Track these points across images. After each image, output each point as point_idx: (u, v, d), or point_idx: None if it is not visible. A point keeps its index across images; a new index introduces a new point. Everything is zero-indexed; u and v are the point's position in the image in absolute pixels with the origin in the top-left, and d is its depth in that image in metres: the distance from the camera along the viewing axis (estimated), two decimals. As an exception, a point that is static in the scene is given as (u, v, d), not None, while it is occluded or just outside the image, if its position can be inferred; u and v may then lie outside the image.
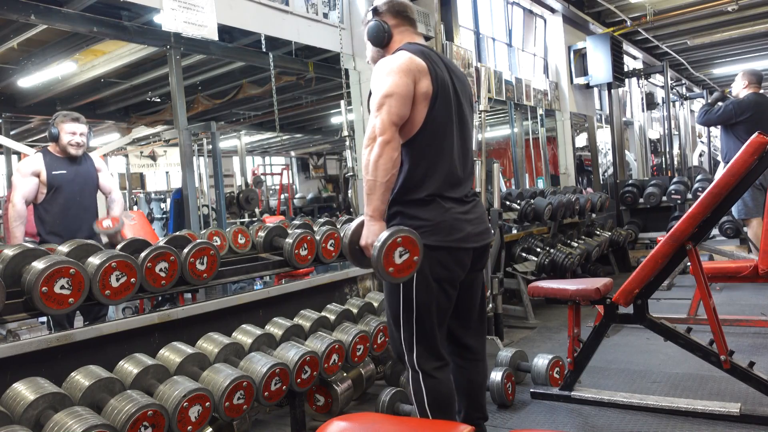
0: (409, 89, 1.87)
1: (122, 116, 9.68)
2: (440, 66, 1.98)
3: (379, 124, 1.83)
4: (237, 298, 2.71)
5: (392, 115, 1.84)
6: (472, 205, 2.05)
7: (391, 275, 1.80)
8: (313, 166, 18.92)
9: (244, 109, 9.91)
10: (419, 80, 1.89)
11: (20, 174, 3.48)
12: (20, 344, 2.01)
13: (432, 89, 1.90)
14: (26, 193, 3.44)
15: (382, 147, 1.81)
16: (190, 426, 2.04)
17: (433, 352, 1.99)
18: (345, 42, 5.00)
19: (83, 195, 3.62)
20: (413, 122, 1.91)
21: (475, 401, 2.17)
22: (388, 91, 1.85)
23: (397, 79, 1.86)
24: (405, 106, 1.87)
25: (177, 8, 3.71)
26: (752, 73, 5.31)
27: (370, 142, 1.84)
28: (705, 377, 3.07)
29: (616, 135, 9.00)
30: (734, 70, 14.21)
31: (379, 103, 1.85)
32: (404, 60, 1.89)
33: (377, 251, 1.77)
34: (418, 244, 1.82)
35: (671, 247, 2.65)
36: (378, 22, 2.06)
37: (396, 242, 1.78)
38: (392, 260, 1.78)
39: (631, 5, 9.08)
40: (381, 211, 1.86)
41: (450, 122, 1.98)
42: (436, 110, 1.92)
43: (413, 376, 2.00)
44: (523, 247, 5.17)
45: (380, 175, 1.81)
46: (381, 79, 1.89)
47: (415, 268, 1.84)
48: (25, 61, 6.61)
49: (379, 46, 2.09)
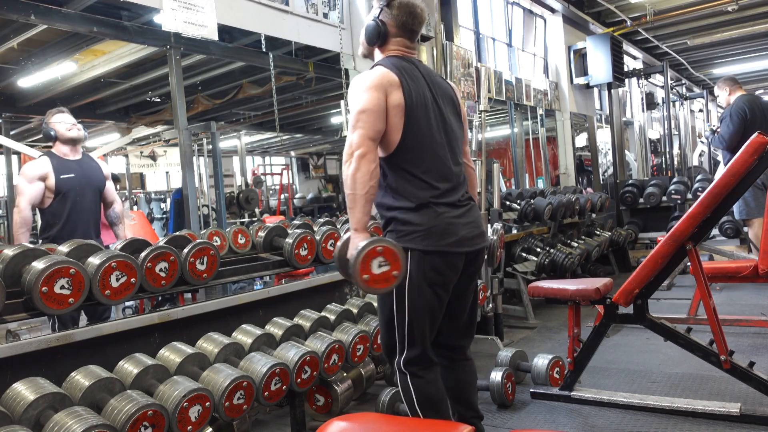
0: (380, 103, 1.93)
1: (122, 116, 9.67)
2: (415, 77, 2.03)
3: (356, 138, 1.90)
4: (237, 298, 2.71)
5: (367, 130, 1.90)
6: (466, 209, 2.06)
7: (366, 283, 1.81)
8: (313, 166, 18.92)
9: (244, 109, 9.91)
10: (390, 93, 1.95)
11: (25, 178, 3.34)
12: (20, 344, 2.01)
13: (404, 101, 1.96)
14: (33, 198, 3.33)
15: (359, 161, 1.87)
16: (190, 426, 2.04)
17: (422, 356, 2.01)
18: (345, 42, 5.00)
19: (92, 200, 3.54)
20: (391, 134, 1.96)
21: (466, 400, 2.18)
22: (361, 107, 1.92)
23: (370, 95, 1.93)
24: (379, 120, 1.93)
25: (177, 8, 3.71)
26: (728, 79, 5.43)
27: (348, 157, 1.90)
28: (705, 377, 3.07)
29: (616, 135, 9.00)
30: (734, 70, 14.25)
31: (355, 119, 1.93)
32: (376, 76, 1.96)
33: (355, 256, 1.79)
34: (401, 259, 1.84)
35: (671, 247, 2.65)
36: (377, 23, 2.07)
37: (375, 251, 1.79)
38: (368, 268, 1.79)
39: (631, 5, 9.08)
40: (364, 223, 1.90)
41: (431, 130, 2.02)
42: (413, 121, 1.97)
43: (401, 378, 2.04)
44: (523, 247, 5.17)
45: (359, 187, 1.87)
46: (356, 96, 1.96)
47: (393, 283, 1.85)
48: (25, 61, 6.61)
49: (371, 44, 2.13)
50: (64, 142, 3.47)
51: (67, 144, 3.48)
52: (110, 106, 9.26)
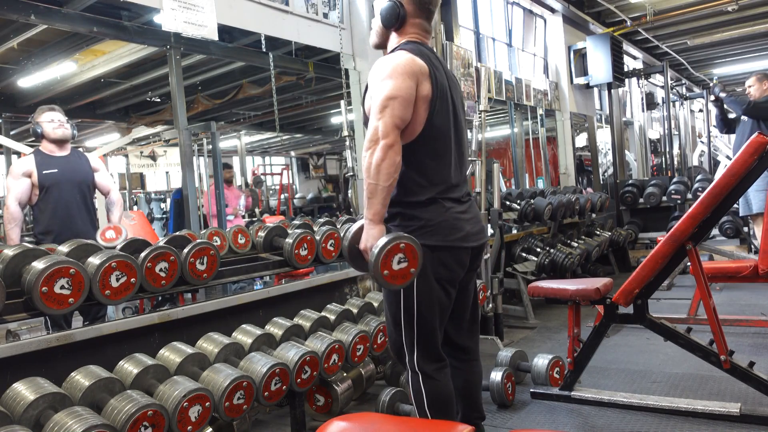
0: (411, 92, 1.84)
1: (122, 116, 9.68)
2: (439, 69, 1.97)
3: (382, 126, 1.79)
4: (237, 298, 2.71)
5: (395, 118, 1.81)
6: (468, 205, 2.05)
7: (385, 279, 1.78)
8: (313, 166, 18.92)
9: (244, 109, 9.91)
10: (421, 83, 1.86)
11: (12, 176, 3.49)
12: (20, 344, 2.01)
13: (432, 93, 1.88)
14: (19, 194, 3.45)
15: (385, 150, 1.78)
16: (190, 426, 2.04)
17: (433, 353, 1.99)
18: (345, 42, 5.00)
19: (78, 193, 3.59)
20: (414, 125, 1.89)
21: (472, 401, 2.17)
22: (390, 93, 1.82)
23: (400, 81, 1.82)
24: (408, 109, 1.84)
25: (177, 8, 3.71)
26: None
27: (371, 144, 1.80)
28: (705, 377, 3.07)
29: (616, 135, 9.00)
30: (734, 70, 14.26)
31: (382, 105, 1.81)
32: (406, 61, 1.86)
33: (377, 253, 1.75)
34: (419, 256, 1.81)
35: (671, 247, 2.65)
36: (395, 3, 1.96)
37: (398, 247, 1.76)
38: (390, 265, 1.76)
39: (631, 5, 9.09)
40: (381, 215, 1.84)
41: (448, 125, 1.97)
42: (435, 113, 1.91)
43: (413, 378, 2.00)
44: (523, 247, 5.17)
45: (382, 179, 1.79)
46: (383, 80, 1.85)
47: (409, 279, 1.82)
48: (25, 61, 6.61)
49: (389, 27, 2.01)
50: (50, 140, 3.56)
51: (53, 142, 3.57)
52: (110, 106, 9.27)
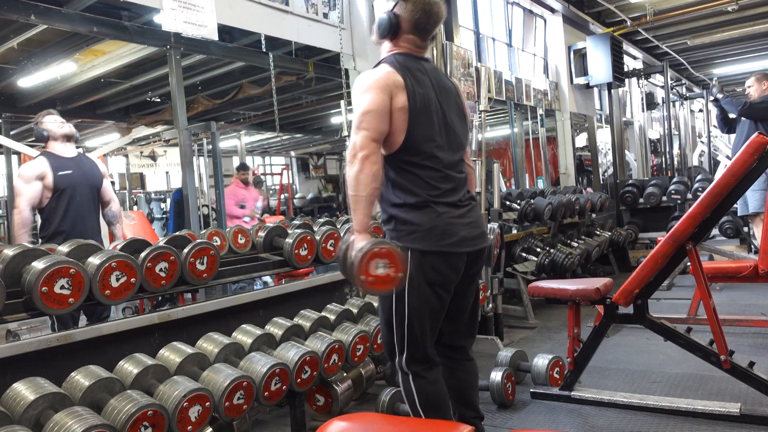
0: (385, 104, 1.92)
1: (122, 116, 9.67)
2: (423, 81, 2.00)
3: (359, 140, 1.89)
4: (237, 298, 2.71)
5: (371, 131, 1.90)
6: (467, 209, 2.06)
7: (366, 284, 1.81)
8: (313, 166, 18.92)
9: (244, 109, 9.91)
10: (395, 95, 1.93)
11: (23, 179, 3.33)
12: (20, 344, 2.01)
13: (408, 104, 1.94)
14: (31, 198, 3.33)
15: (362, 162, 1.87)
16: (190, 426, 2.04)
17: (422, 356, 2.01)
18: (345, 42, 5.00)
19: (90, 195, 3.54)
20: (394, 136, 1.96)
21: (468, 400, 2.18)
22: (365, 108, 1.91)
23: (374, 95, 1.91)
24: (382, 122, 1.92)
25: (177, 8, 3.71)
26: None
27: (351, 158, 1.90)
28: (705, 377, 3.07)
29: (616, 135, 9.00)
30: (734, 70, 14.25)
31: (359, 121, 1.92)
32: (381, 76, 1.95)
33: (354, 259, 1.80)
34: (402, 261, 1.84)
35: (671, 247, 2.65)
36: (390, 17, 2.01)
37: (375, 252, 1.80)
38: (369, 269, 1.79)
39: (631, 5, 9.08)
40: (366, 225, 1.90)
41: (434, 133, 2.01)
42: (416, 123, 1.96)
43: (403, 377, 2.04)
44: (523, 247, 5.17)
45: (361, 189, 1.87)
46: (360, 95, 1.95)
47: (396, 284, 1.85)
48: (25, 61, 6.61)
49: (382, 38, 2.09)
50: (57, 139, 3.48)
51: (60, 141, 3.49)
52: (110, 106, 9.26)
